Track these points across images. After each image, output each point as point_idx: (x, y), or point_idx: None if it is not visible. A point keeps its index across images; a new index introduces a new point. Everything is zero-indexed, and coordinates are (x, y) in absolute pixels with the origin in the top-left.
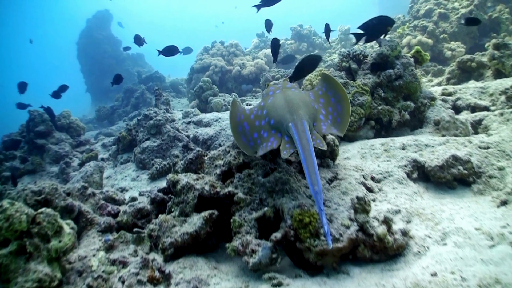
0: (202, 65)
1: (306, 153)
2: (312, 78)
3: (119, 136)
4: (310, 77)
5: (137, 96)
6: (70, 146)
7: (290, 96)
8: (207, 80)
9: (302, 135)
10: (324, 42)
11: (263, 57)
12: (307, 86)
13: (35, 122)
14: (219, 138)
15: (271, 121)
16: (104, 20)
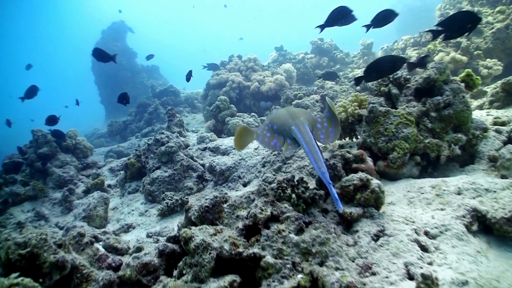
0: (218, 80)
1: (310, 146)
2: (347, 105)
3: (127, 163)
4: (344, 103)
5: (150, 111)
6: (75, 169)
7: (292, 109)
8: (225, 99)
9: (305, 134)
10: (345, 56)
11: (282, 72)
12: (340, 113)
13: (39, 144)
14: (239, 169)
15: (274, 127)
16: (120, 31)
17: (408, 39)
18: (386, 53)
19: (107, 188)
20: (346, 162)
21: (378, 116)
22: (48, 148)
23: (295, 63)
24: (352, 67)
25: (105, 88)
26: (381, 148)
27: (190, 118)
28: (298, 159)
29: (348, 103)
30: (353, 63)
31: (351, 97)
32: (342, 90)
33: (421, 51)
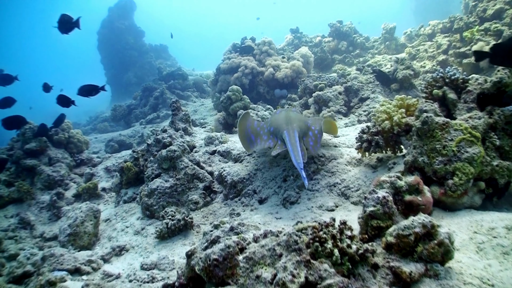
0: (230, 65)
1: (293, 146)
2: (391, 111)
3: (122, 167)
4: (388, 109)
5: (156, 95)
6: (67, 167)
7: (290, 114)
8: (237, 89)
9: (292, 136)
10: (365, 41)
11: (299, 57)
12: (384, 121)
13: (26, 138)
14: (254, 181)
15: (271, 129)
16: (127, 9)
17: (436, 24)
18: (410, 38)
19: (101, 192)
20: (396, 192)
21: (434, 130)
22: (36, 144)
23: (311, 47)
24: (372, 53)
25: (111, 68)
26: (437, 171)
27: (199, 104)
28: (327, 174)
29: (393, 109)
30: (373, 48)
31: (396, 101)
32: (367, 81)
33: (453, 38)
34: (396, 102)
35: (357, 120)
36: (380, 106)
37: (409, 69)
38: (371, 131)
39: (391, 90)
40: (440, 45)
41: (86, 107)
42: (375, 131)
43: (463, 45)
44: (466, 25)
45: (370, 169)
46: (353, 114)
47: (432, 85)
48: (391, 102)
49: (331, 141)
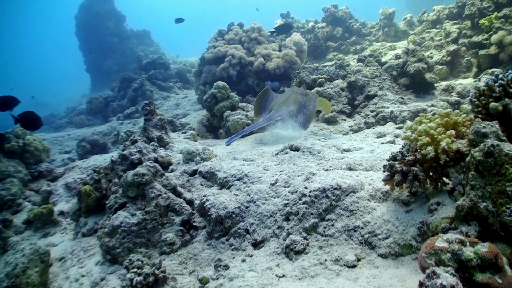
0: (215, 54)
1: (261, 122)
2: (435, 133)
3: (80, 190)
4: (430, 128)
5: (135, 87)
6: (21, 183)
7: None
8: (223, 85)
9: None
10: (362, 27)
11: (292, 45)
12: (425, 146)
13: None
14: (246, 217)
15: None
16: None
17: (441, 10)
18: (410, 25)
19: (58, 218)
20: (462, 268)
21: (502, 165)
22: None
23: (303, 33)
24: (370, 40)
25: (90, 55)
26: (509, 224)
27: (182, 97)
28: (344, 214)
29: (438, 130)
30: (370, 35)
31: (440, 117)
32: (373, 75)
33: (463, 25)
34: (440, 119)
35: (363, 122)
36: (417, 122)
37: (421, 62)
38: (407, 160)
39: (400, 85)
40: (449, 33)
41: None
42: (412, 159)
43: (474, 33)
44: (480, 10)
45: (401, 206)
46: (359, 114)
47: (487, 96)
48: (431, 118)
49: (344, 160)
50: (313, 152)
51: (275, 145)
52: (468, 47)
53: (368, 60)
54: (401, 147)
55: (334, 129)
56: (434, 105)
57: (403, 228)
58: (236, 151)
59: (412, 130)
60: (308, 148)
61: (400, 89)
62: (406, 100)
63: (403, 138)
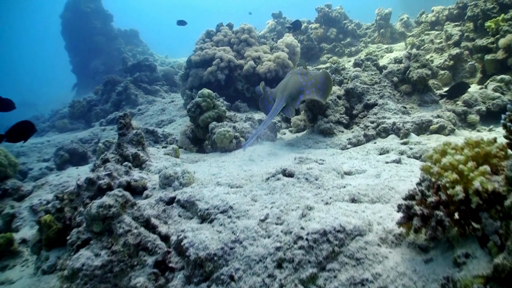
0: (202, 57)
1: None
2: (464, 168)
3: (40, 220)
4: (457, 162)
5: (119, 91)
6: None
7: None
8: (208, 93)
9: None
10: (357, 28)
11: (284, 47)
12: (452, 185)
13: None
14: (231, 261)
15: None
16: None
17: (440, 11)
18: (407, 26)
19: (19, 248)
20: None
21: None
22: None
23: (296, 34)
24: (365, 41)
25: (76, 55)
26: None
27: (168, 101)
28: (350, 263)
29: (467, 163)
30: (366, 36)
31: (469, 148)
32: (372, 81)
33: (465, 27)
34: (469, 149)
35: (363, 135)
36: (439, 152)
37: (425, 67)
38: (429, 202)
39: (401, 93)
40: (451, 35)
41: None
42: (435, 200)
43: (478, 35)
44: (483, 12)
45: (419, 253)
46: (357, 125)
47: None
48: (457, 147)
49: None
50: (310, 179)
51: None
52: (471, 50)
53: (365, 64)
54: (419, 180)
55: (330, 142)
56: (440, 115)
57: (423, 285)
58: (221, 174)
59: (433, 160)
60: (304, 174)
61: (402, 97)
62: (408, 109)
63: (421, 170)
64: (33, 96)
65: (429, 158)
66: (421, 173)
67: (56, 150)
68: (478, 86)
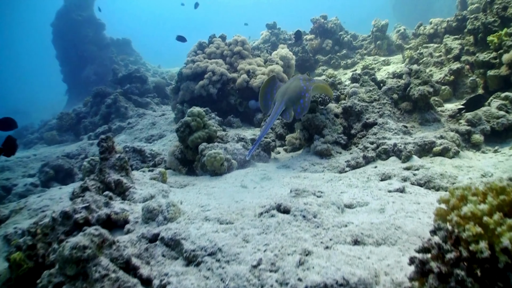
0: (194, 70)
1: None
2: (491, 222)
3: (8, 258)
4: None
5: (108, 103)
6: None
7: (290, 86)
8: (198, 112)
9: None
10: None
11: (278, 59)
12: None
13: None
14: None
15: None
16: None
17: (438, 23)
18: (403, 37)
19: None
20: None
21: None
22: None
23: (291, 46)
24: (361, 53)
25: (67, 64)
26: None
27: (159, 114)
28: None
29: (492, 214)
30: (362, 47)
31: (492, 193)
32: (371, 98)
33: (465, 41)
34: (493, 197)
35: (362, 157)
36: (457, 197)
37: (427, 84)
38: (447, 259)
39: (401, 111)
40: (451, 49)
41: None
42: (455, 256)
43: (478, 49)
44: (484, 25)
45: None
46: (356, 146)
47: None
48: (478, 192)
49: (348, 229)
50: (308, 216)
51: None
52: (471, 64)
53: (363, 79)
54: (434, 228)
55: (328, 164)
56: (443, 136)
57: None
58: (210, 206)
59: (450, 206)
60: (301, 211)
61: (402, 115)
62: (409, 128)
63: (436, 215)
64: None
65: (445, 202)
66: (435, 219)
67: (41, 166)
68: None
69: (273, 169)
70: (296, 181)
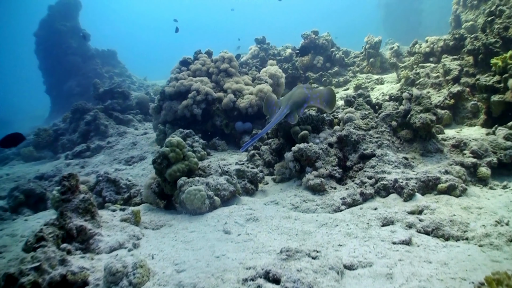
0: (177, 89)
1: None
2: None
3: None
4: None
5: (88, 120)
6: None
7: (295, 92)
8: (177, 142)
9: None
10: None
11: (267, 77)
12: None
13: None
14: None
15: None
16: (71, 8)
17: (435, 41)
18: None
19: None
20: None
21: None
22: None
23: (280, 61)
24: (353, 71)
25: (50, 75)
26: None
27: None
28: None
29: None
30: (354, 65)
31: None
32: (367, 126)
33: (464, 61)
34: None
35: (359, 193)
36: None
37: (429, 112)
38: None
39: (401, 140)
40: (449, 70)
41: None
42: None
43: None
44: (485, 46)
45: None
46: (352, 180)
47: None
48: None
49: None
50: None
51: (244, 243)
52: (471, 87)
53: (358, 102)
54: None
55: (321, 201)
56: (448, 171)
57: None
58: (186, 264)
59: None
60: (294, 282)
61: (401, 144)
62: (410, 160)
63: None
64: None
65: None
66: None
67: (10, 190)
68: (484, 131)
69: (260, 206)
70: (286, 225)
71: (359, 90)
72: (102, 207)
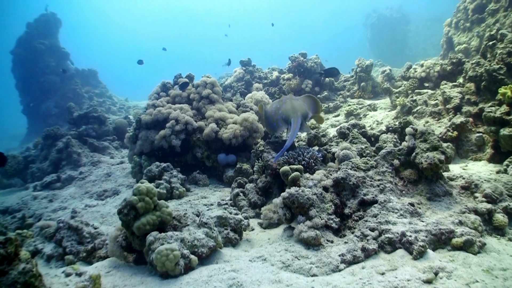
0: (155, 117)
1: (293, 132)
2: None
3: None
4: None
5: (60, 147)
6: None
7: (294, 104)
8: (147, 190)
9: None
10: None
11: (253, 104)
12: None
13: None
14: None
15: (283, 116)
16: (50, 26)
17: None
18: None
19: None
20: None
21: None
22: None
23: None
24: (344, 95)
25: (27, 95)
26: None
27: (117, 162)
28: None
29: None
30: (344, 89)
31: None
32: (367, 165)
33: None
34: None
35: (360, 248)
36: None
37: (437, 150)
38: None
39: (404, 181)
40: (450, 98)
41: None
42: None
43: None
44: (488, 73)
45: None
46: (351, 232)
47: None
48: None
49: None
50: None
51: None
52: (474, 117)
53: (353, 135)
54: None
55: (316, 258)
56: (462, 221)
57: None
58: None
59: None
60: None
61: (405, 186)
62: (417, 207)
63: None
64: None
65: None
66: None
67: None
68: (493, 167)
69: (245, 265)
70: None
71: (351, 116)
72: (62, 258)
